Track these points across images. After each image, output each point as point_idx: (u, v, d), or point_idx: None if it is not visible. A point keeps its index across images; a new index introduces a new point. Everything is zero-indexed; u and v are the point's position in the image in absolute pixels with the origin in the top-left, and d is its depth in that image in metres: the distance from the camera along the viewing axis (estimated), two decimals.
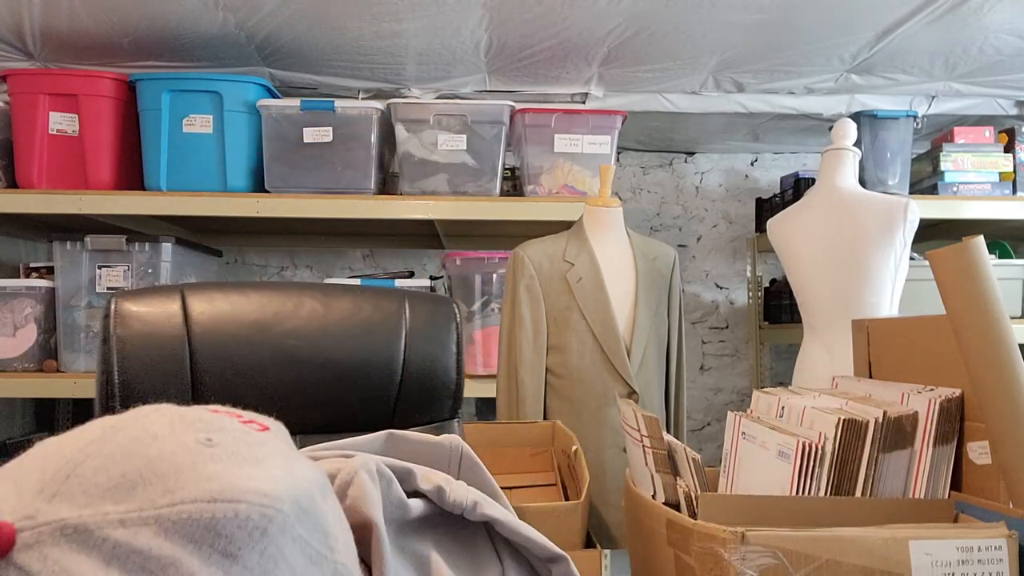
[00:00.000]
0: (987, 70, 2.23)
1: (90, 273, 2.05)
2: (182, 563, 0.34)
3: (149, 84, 2.04)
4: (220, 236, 2.60)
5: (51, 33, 1.98)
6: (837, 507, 1.12)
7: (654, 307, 1.87)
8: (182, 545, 0.34)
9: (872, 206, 1.96)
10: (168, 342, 1.05)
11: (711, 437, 2.93)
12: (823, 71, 2.25)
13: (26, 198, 2.01)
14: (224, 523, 0.35)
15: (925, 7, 1.83)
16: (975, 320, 1.13)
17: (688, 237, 2.97)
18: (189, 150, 2.04)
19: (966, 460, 1.20)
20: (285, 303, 1.10)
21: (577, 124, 2.14)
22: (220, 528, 0.35)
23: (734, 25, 1.94)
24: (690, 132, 2.72)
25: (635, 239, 1.92)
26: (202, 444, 0.38)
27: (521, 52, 2.11)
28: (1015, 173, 2.33)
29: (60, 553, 0.32)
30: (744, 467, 1.32)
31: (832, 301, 1.98)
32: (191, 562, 0.34)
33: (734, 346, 2.96)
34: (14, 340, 2.04)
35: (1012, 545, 1.01)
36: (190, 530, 0.35)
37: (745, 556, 0.98)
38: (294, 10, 1.85)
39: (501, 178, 2.15)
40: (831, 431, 1.18)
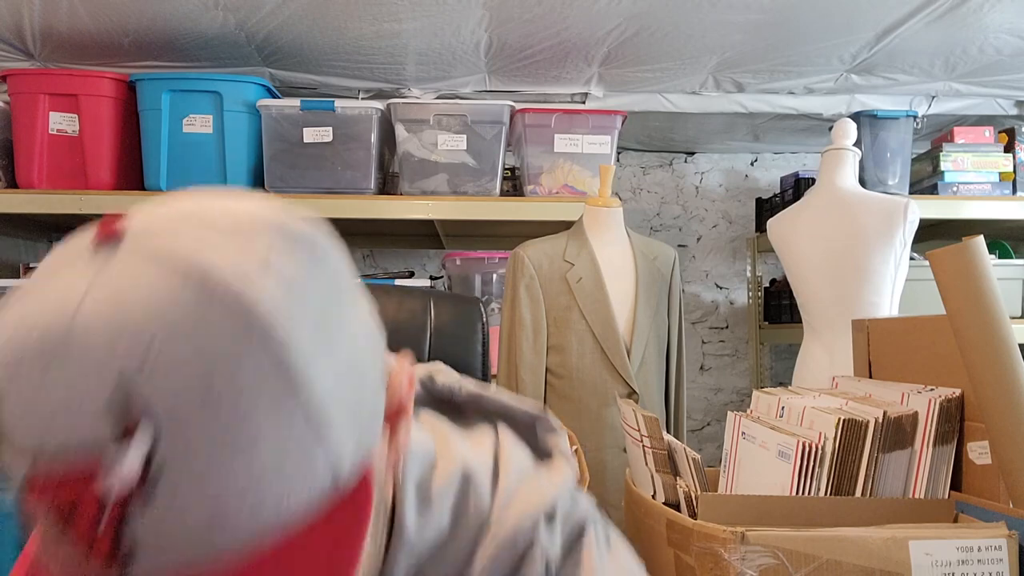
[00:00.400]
0: (987, 70, 2.23)
1: None
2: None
3: (149, 84, 2.04)
4: None
5: (51, 33, 1.98)
6: (837, 507, 1.12)
7: (654, 307, 1.87)
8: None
9: (872, 206, 1.96)
10: None
11: (711, 437, 2.93)
12: (823, 71, 2.25)
13: (26, 198, 2.01)
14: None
15: (925, 7, 1.83)
16: (975, 320, 1.13)
17: (688, 237, 2.97)
18: (189, 150, 2.04)
19: (966, 460, 1.20)
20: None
21: (577, 124, 2.14)
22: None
23: (734, 25, 1.94)
24: (690, 132, 2.72)
25: (635, 239, 1.92)
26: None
27: (521, 52, 2.11)
28: (1015, 173, 2.33)
29: None
30: (744, 467, 1.32)
31: (832, 301, 1.98)
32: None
33: (734, 346, 2.96)
34: None
35: (1012, 545, 1.01)
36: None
37: (745, 556, 0.98)
38: (294, 10, 1.85)
39: (501, 178, 2.15)
40: (831, 431, 1.18)
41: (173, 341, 0.33)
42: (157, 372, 0.32)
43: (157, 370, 0.32)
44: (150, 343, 0.32)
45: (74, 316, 0.33)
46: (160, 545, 0.34)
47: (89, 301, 0.33)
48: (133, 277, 0.34)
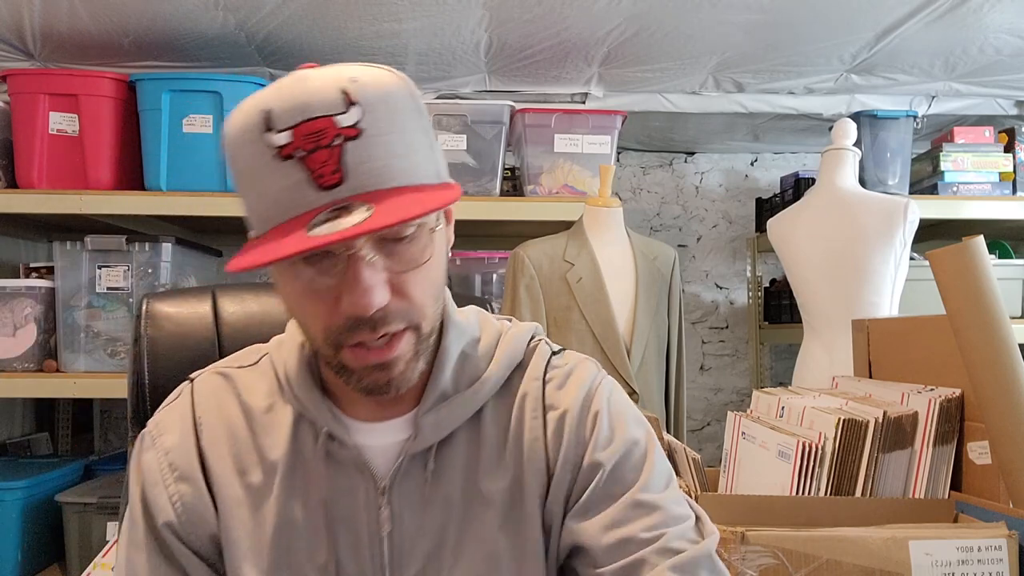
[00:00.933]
0: (987, 70, 2.23)
1: (90, 273, 2.05)
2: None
3: (149, 84, 2.04)
4: (220, 236, 2.60)
5: (51, 33, 1.98)
6: (837, 507, 1.12)
7: (654, 307, 1.87)
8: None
9: (872, 206, 1.96)
10: (198, 343, 1.05)
11: (711, 437, 2.93)
12: (823, 71, 2.25)
13: (26, 198, 2.01)
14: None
15: (925, 7, 1.83)
16: (975, 320, 1.13)
17: (688, 237, 2.97)
18: (189, 150, 2.04)
19: (966, 460, 1.20)
20: None
21: (577, 124, 2.14)
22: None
23: (734, 25, 1.94)
24: (690, 132, 2.72)
25: (635, 239, 1.92)
26: None
27: (521, 52, 2.11)
28: (1015, 173, 2.33)
29: None
30: (744, 467, 1.32)
31: (832, 301, 1.98)
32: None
33: (734, 346, 2.96)
34: (14, 340, 2.04)
35: (1012, 545, 1.00)
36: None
37: (745, 556, 0.98)
38: (294, 10, 1.85)
39: (501, 178, 2.15)
40: (831, 431, 1.18)
41: (368, 77, 0.62)
42: (362, 85, 0.61)
43: (362, 84, 0.61)
44: (357, 76, 0.61)
45: (306, 73, 0.62)
46: (361, 170, 0.59)
47: (310, 71, 0.63)
48: (336, 66, 0.64)
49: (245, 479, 0.70)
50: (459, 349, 0.73)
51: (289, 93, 0.60)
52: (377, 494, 0.69)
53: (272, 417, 0.73)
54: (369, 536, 0.69)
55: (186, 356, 1.04)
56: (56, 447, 2.51)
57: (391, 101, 0.61)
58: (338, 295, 0.61)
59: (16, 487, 1.88)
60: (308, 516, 0.69)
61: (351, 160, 0.59)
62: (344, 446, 0.70)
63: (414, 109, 0.64)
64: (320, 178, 0.58)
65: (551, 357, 0.77)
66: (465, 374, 0.72)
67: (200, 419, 0.73)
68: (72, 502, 1.91)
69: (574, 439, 0.72)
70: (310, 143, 0.58)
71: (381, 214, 0.56)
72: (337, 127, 0.58)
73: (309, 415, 0.71)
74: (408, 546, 0.69)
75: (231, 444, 0.72)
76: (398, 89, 0.63)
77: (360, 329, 0.62)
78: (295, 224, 0.58)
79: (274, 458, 0.70)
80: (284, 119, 0.59)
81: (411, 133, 0.62)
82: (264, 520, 0.69)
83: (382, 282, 0.61)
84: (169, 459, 0.72)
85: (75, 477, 2.10)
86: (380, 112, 0.60)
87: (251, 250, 0.60)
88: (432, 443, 0.70)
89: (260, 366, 0.77)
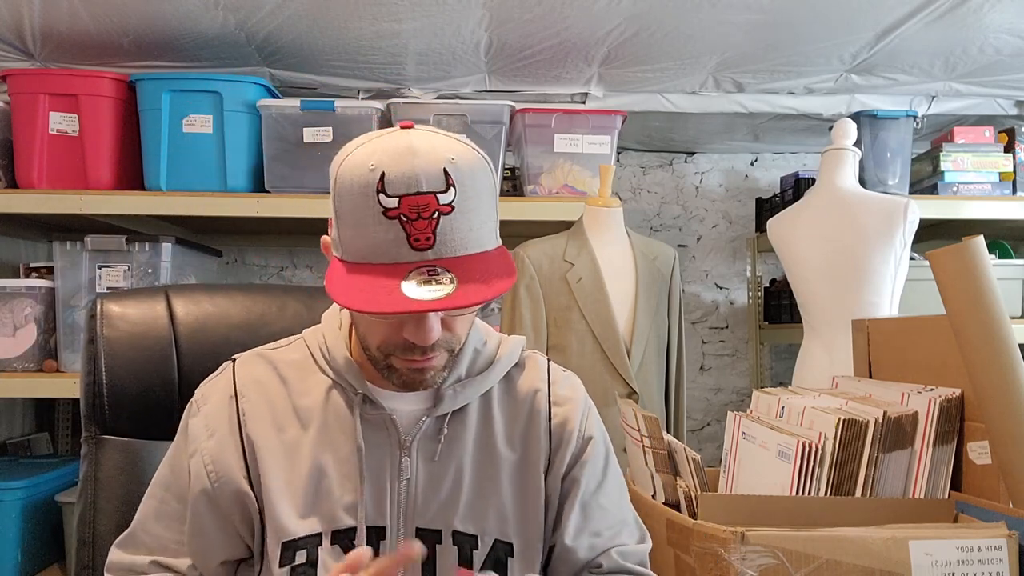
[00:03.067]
0: (987, 70, 2.23)
1: (90, 273, 2.04)
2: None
3: (149, 84, 2.04)
4: (220, 236, 2.60)
5: (51, 33, 1.98)
6: (837, 507, 1.12)
7: (654, 307, 1.87)
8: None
9: (872, 206, 1.96)
10: (155, 343, 1.06)
11: (711, 437, 2.93)
12: (823, 71, 2.25)
13: (26, 198, 2.01)
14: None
15: (925, 7, 1.83)
16: (975, 320, 1.13)
17: (688, 237, 2.97)
18: (189, 150, 2.04)
19: (966, 460, 1.20)
20: (270, 305, 1.11)
21: (577, 124, 2.14)
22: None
23: (734, 25, 1.94)
24: (690, 132, 2.72)
25: (635, 239, 1.92)
26: None
27: (521, 52, 2.11)
28: (1015, 173, 2.33)
29: None
30: (744, 467, 1.32)
31: (832, 301, 1.98)
32: None
33: (734, 346, 2.97)
34: (14, 340, 2.04)
35: (1012, 545, 1.01)
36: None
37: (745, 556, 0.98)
38: (294, 10, 1.85)
39: (501, 178, 2.15)
40: (831, 431, 1.18)
41: (462, 158, 0.76)
42: (458, 167, 0.75)
43: (458, 166, 0.75)
44: (455, 157, 0.75)
45: (413, 142, 0.75)
46: (447, 240, 0.74)
47: (415, 138, 0.76)
48: (434, 136, 0.78)
49: (282, 435, 0.85)
50: (473, 347, 0.89)
51: (401, 162, 0.74)
52: (400, 448, 0.84)
53: (306, 385, 0.87)
54: (391, 483, 0.83)
55: (144, 356, 1.05)
56: (56, 447, 2.51)
57: (477, 183, 0.77)
58: (402, 322, 0.77)
59: (16, 487, 1.88)
60: (338, 465, 0.83)
61: (442, 231, 0.74)
62: (376, 407, 0.85)
63: (491, 186, 0.79)
64: (416, 241, 0.73)
65: (549, 363, 0.97)
66: (477, 365, 0.89)
67: (240, 388, 0.87)
68: (72, 502, 1.89)
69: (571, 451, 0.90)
70: (414, 213, 0.73)
71: (461, 294, 0.72)
72: (437, 203, 0.73)
73: (344, 382, 0.86)
74: (423, 495, 0.84)
75: (269, 407, 0.86)
76: (483, 170, 0.78)
77: (413, 352, 0.78)
78: (390, 272, 0.73)
79: (309, 417, 0.85)
80: (396, 187, 0.73)
81: (486, 208, 0.78)
82: (299, 467, 0.83)
83: (439, 324, 0.78)
84: (207, 422, 0.86)
85: (75, 477, 2.09)
86: (469, 193, 0.75)
87: (348, 284, 0.75)
88: (448, 411, 0.86)
89: (294, 346, 0.92)
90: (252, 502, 0.84)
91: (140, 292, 1.11)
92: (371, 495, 0.83)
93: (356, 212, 0.74)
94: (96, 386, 1.03)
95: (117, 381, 1.03)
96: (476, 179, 0.76)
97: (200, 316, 1.09)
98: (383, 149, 0.75)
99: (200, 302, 1.10)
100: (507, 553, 0.84)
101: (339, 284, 0.75)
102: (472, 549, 0.83)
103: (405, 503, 0.83)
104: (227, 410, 0.86)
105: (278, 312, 1.11)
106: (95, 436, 1.05)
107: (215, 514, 0.84)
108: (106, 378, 1.03)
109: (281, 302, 1.12)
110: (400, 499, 0.83)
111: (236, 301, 1.11)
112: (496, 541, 0.84)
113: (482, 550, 0.84)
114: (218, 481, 0.83)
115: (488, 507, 0.85)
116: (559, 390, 0.93)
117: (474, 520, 0.84)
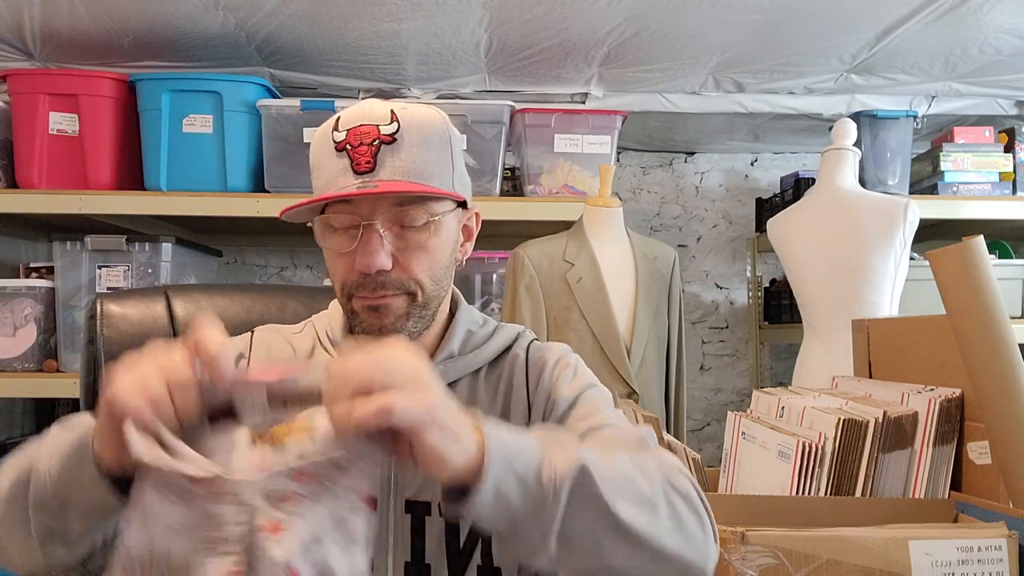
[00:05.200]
0: (987, 70, 2.23)
1: (90, 273, 2.05)
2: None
3: (149, 84, 2.04)
4: (220, 236, 2.60)
5: (51, 33, 1.98)
6: (837, 507, 1.12)
7: (654, 307, 1.87)
8: None
9: (872, 206, 1.96)
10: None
11: (711, 437, 2.93)
12: (823, 71, 2.25)
13: (26, 198, 2.01)
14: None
15: (925, 7, 1.83)
16: (975, 320, 1.13)
17: (688, 237, 2.97)
18: (189, 150, 2.04)
19: (966, 460, 1.20)
20: (269, 305, 1.11)
21: (577, 124, 2.14)
22: None
23: (734, 25, 1.94)
24: (690, 132, 2.72)
25: (635, 239, 1.92)
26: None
27: (521, 52, 2.11)
28: (1015, 173, 2.33)
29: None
30: (744, 467, 1.32)
31: (832, 301, 1.98)
32: None
33: (734, 346, 2.96)
34: (14, 340, 2.04)
35: (1012, 545, 1.01)
36: None
37: (745, 556, 0.98)
38: (294, 10, 1.85)
39: (501, 178, 2.15)
40: (831, 431, 1.18)
41: (415, 109, 0.83)
42: (407, 111, 0.81)
43: (407, 111, 0.82)
44: (407, 107, 0.82)
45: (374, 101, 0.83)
46: (386, 165, 0.80)
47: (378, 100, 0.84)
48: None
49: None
50: (466, 327, 0.94)
51: (357, 107, 0.83)
52: None
53: (313, 359, 0.92)
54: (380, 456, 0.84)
55: None
56: None
57: (426, 127, 0.82)
58: (354, 257, 0.82)
59: None
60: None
61: (381, 156, 0.80)
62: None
63: (444, 138, 0.83)
64: (357, 165, 0.80)
65: (533, 339, 1.00)
66: (469, 344, 0.94)
67: (255, 349, 0.92)
68: None
69: (548, 381, 0.93)
70: (357, 140, 0.80)
71: (385, 185, 0.79)
72: (379, 133, 0.80)
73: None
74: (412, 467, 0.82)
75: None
76: (436, 121, 0.83)
77: (365, 286, 0.82)
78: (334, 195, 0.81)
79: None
80: (346, 122, 0.81)
81: (436, 152, 0.82)
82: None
83: (386, 252, 0.81)
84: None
85: None
86: (414, 131, 0.81)
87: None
88: None
89: (305, 331, 0.97)
90: None
91: (139, 292, 1.11)
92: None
93: (316, 154, 0.83)
94: (95, 386, 1.03)
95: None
96: (425, 126, 0.82)
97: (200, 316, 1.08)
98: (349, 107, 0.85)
99: (199, 302, 1.10)
100: None
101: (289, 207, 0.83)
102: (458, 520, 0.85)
103: (394, 475, 0.85)
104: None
105: (277, 312, 1.11)
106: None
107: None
108: (105, 378, 1.03)
109: (280, 302, 1.12)
110: (389, 471, 0.85)
111: (235, 301, 1.11)
112: None
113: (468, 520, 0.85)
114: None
115: None
116: (535, 352, 0.96)
117: None
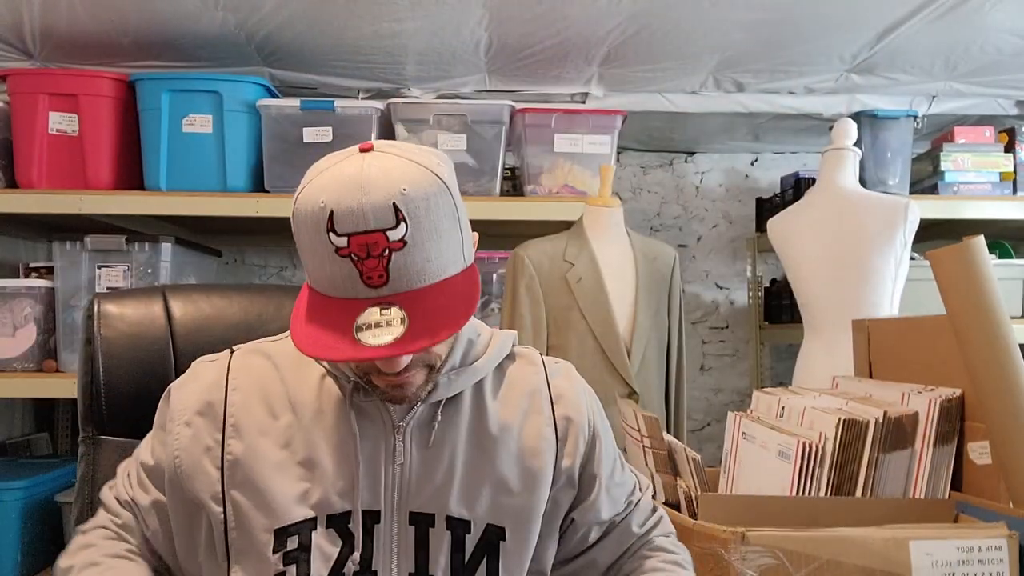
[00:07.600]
0: (987, 70, 2.23)
1: (90, 273, 2.05)
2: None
3: (149, 84, 2.04)
4: (220, 236, 2.60)
5: (51, 33, 1.98)
6: (837, 507, 1.12)
7: (654, 307, 1.87)
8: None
9: (872, 206, 1.96)
10: (152, 343, 1.06)
11: (711, 437, 2.93)
12: (823, 71, 2.24)
13: (26, 198, 2.01)
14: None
15: (925, 7, 1.83)
16: (975, 320, 1.13)
17: (688, 237, 2.97)
18: (189, 150, 2.04)
19: (966, 460, 1.20)
20: (267, 305, 1.11)
21: (577, 124, 2.14)
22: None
23: (734, 24, 1.94)
24: (690, 132, 2.72)
25: (635, 239, 1.92)
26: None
27: (521, 52, 2.10)
28: (1015, 173, 2.33)
29: None
30: (744, 467, 1.32)
31: (832, 301, 1.97)
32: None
33: (734, 346, 2.96)
34: (14, 340, 2.04)
35: (1012, 545, 1.00)
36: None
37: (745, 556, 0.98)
38: (294, 10, 1.85)
39: (501, 178, 2.15)
40: (831, 431, 1.18)
41: (415, 188, 0.74)
42: (410, 198, 0.73)
43: (410, 197, 0.73)
44: (407, 187, 0.73)
45: (364, 172, 0.73)
46: (402, 275, 0.73)
47: (368, 168, 0.74)
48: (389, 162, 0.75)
49: (276, 421, 0.85)
50: (467, 338, 0.91)
51: (349, 198, 0.72)
52: (394, 433, 0.85)
53: (301, 375, 0.88)
54: (385, 468, 0.84)
55: (141, 356, 1.05)
56: (56, 447, 2.51)
57: (432, 211, 0.75)
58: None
59: (16, 487, 1.88)
60: (332, 451, 0.84)
61: (394, 267, 0.73)
62: (369, 395, 0.85)
63: (451, 211, 0.77)
64: (369, 279, 0.73)
65: (542, 357, 0.98)
66: (470, 355, 0.90)
67: (233, 377, 0.87)
68: (72, 502, 1.91)
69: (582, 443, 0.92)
70: (364, 252, 0.72)
71: (409, 337, 0.72)
72: (387, 241, 0.72)
73: (337, 371, 0.87)
74: (417, 480, 0.85)
75: (263, 396, 0.87)
76: (439, 195, 0.75)
77: (386, 375, 0.79)
78: (347, 309, 0.74)
79: (303, 404, 0.86)
80: (344, 225, 0.72)
81: (445, 235, 0.76)
82: (295, 452, 0.84)
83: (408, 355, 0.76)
84: (189, 401, 0.86)
85: (74, 477, 2.10)
86: (423, 224, 0.74)
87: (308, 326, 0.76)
88: (443, 398, 0.87)
89: (287, 335, 0.93)
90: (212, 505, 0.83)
91: (137, 292, 1.11)
92: (365, 479, 0.84)
93: (312, 247, 0.75)
94: (93, 386, 1.03)
95: (114, 381, 1.03)
96: (432, 208, 0.74)
97: (197, 316, 1.08)
98: (334, 181, 0.73)
99: (197, 302, 1.10)
100: (499, 537, 0.86)
101: (299, 325, 0.76)
102: (465, 533, 0.85)
103: (399, 487, 0.84)
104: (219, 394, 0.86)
105: (275, 312, 1.10)
106: (92, 436, 1.05)
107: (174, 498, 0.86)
108: (103, 378, 1.03)
109: (278, 302, 1.12)
110: (394, 483, 0.84)
111: (233, 301, 1.11)
112: (488, 525, 0.86)
113: (474, 534, 0.85)
114: (181, 467, 0.84)
115: (481, 493, 0.86)
116: (557, 382, 0.95)
117: (467, 505, 0.85)
